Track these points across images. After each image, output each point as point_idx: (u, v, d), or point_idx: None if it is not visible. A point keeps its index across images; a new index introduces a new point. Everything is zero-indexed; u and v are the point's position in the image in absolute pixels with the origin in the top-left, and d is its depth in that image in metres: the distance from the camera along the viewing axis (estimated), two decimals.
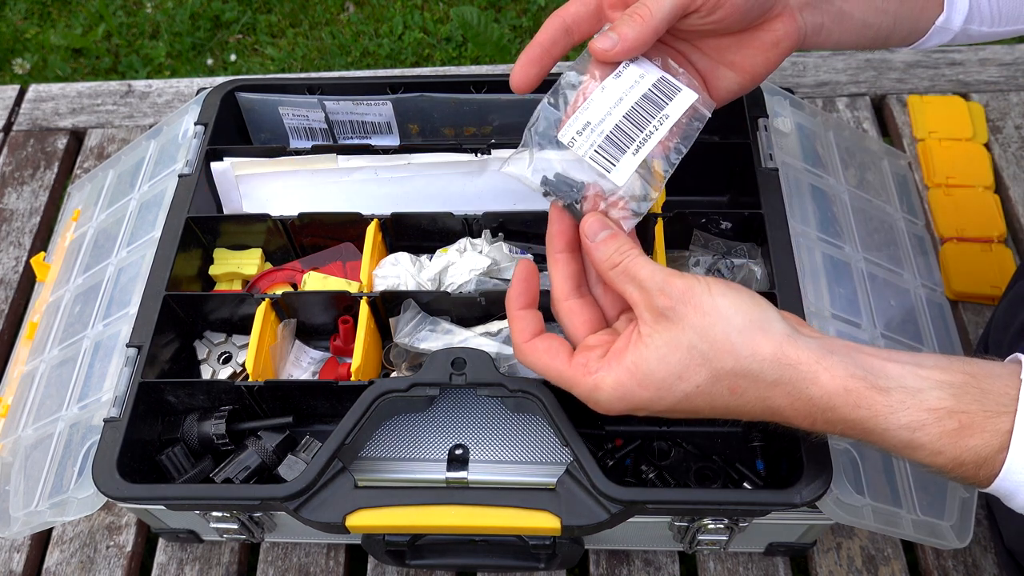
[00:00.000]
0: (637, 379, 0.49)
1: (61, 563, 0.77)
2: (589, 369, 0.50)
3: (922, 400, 0.46)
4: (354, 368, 0.66)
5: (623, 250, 0.51)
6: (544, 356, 0.52)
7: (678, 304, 0.48)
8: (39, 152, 1.07)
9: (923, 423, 0.45)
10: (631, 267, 0.50)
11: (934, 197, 0.94)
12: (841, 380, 0.46)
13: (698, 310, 0.47)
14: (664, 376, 0.48)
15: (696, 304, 0.48)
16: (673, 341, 0.48)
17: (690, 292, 0.48)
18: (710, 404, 0.49)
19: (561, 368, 0.52)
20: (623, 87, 0.54)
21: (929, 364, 0.47)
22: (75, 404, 0.68)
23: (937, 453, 0.45)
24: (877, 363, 0.47)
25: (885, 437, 0.46)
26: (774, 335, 0.47)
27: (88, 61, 1.77)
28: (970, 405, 0.45)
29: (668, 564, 0.75)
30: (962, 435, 0.45)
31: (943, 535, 0.63)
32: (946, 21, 0.65)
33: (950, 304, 0.79)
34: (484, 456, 0.68)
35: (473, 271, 0.72)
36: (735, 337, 0.47)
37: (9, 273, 0.97)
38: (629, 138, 0.54)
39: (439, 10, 1.80)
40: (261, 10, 1.84)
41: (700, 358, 0.47)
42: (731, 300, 0.48)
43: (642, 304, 0.49)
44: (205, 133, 0.78)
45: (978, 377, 0.46)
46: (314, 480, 0.60)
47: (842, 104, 1.04)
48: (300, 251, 0.79)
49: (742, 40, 0.59)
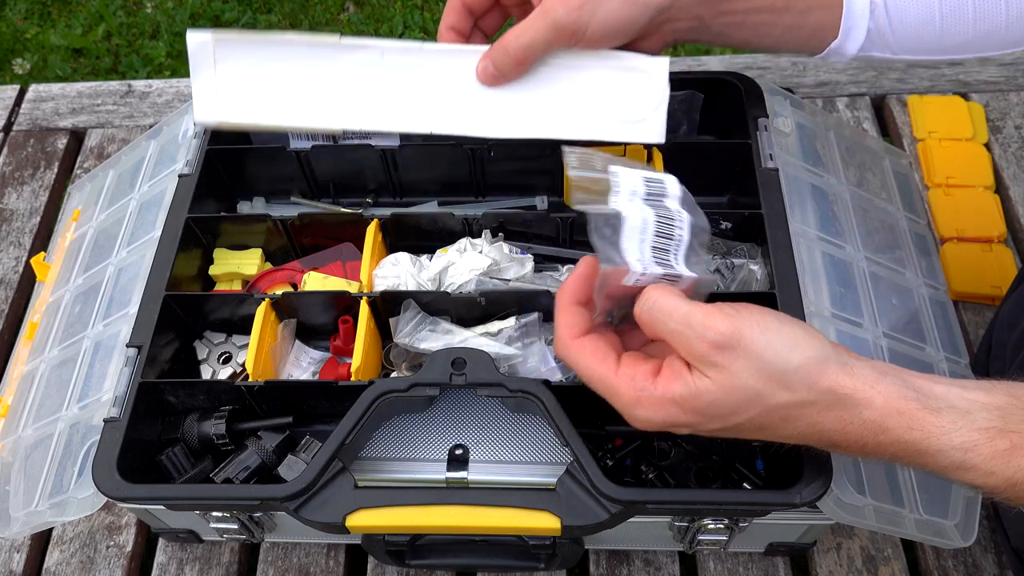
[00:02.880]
0: (684, 409, 0.48)
1: (61, 563, 0.77)
2: (636, 385, 0.49)
3: (972, 421, 0.46)
4: (354, 368, 0.66)
5: (661, 291, 0.49)
6: (590, 357, 0.51)
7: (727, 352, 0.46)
8: (39, 152, 1.07)
9: (975, 444, 0.45)
10: (664, 312, 0.48)
11: (934, 197, 0.94)
12: (895, 402, 0.46)
13: (750, 354, 0.46)
14: (716, 412, 0.48)
15: (746, 348, 0.46)
16: (727, 384, 0.47)
17: (738, 336, 0.46)
18: (758, 430, 0.49)
19: (606, 374, 0.50)
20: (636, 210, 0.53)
21: (972, 387, 0.47)
22: (75, 404, 0.68)
23: (989, 474, 0.46)
24: (925, 385, 0.47)
25: (937, 459, 0.46)
26: (829, 367, 0.47)
27: (88, 61, 1.77)
28: (1019, 425, 0.45)
29: (668, 564, 0.75)
30: (1014, 455, 0.45)
31: (947, 534, 0.63)
32: (840, 47, 0.65)
33: None
34: (484, 456, 0.68)
35: (473, 271, 0.72)
36: (791, 376, 0.46)
37: (9, 273, 0.97)
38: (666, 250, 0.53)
39: (439, 10, 1.80)
40: (261, 10, 1.84)
41: (755, 396, 0.47)
42: (785, 337, 0.47)
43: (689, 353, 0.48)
44: (205, 133, 0.78)
45: (1022, 399, 0.46)
46: (314, 480, 0.60)
47: (842, 104, 1.04)
48: (300, 251, 0.79)
49: None
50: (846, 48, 0.65)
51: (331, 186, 0.83)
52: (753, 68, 1.07)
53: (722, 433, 0.50)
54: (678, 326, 0.47)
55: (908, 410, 0.46)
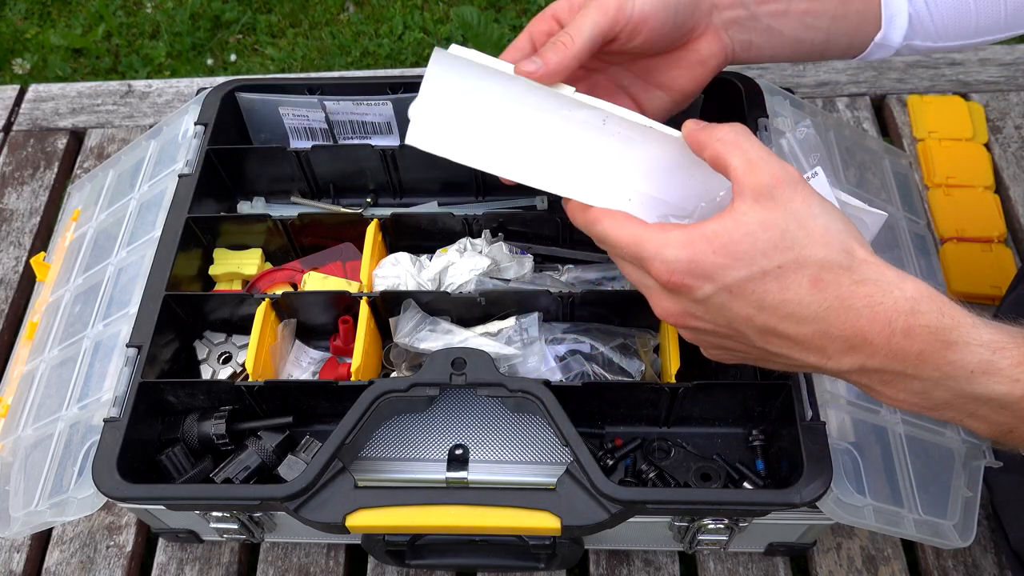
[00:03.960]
0: (714, 245, 0.46)
1: (61, 563, 0.77)
2: (666, 228, 0.48)
3: (1000, 327, 0.45)
4: (354, 368, 0.66)
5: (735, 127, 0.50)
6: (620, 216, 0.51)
7: (785, 187, 0.46)
8: (39, 152, 1.07)
9: (1004, 345, 0.45)
10: (742, 141, 0.48)
11: (934, 197, 0.94)
12: (925, 289, 0.46)
13: (804, 199, 0.46)
14: (746, 249, 0.46)
15: (803, 194, 0.46)
16: (769, 220, 0.46)
17: (799, 181, 0.47)
18: (781, 293, 0.46)
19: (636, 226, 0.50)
20: None
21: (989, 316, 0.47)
22: (75, 404, 0.68)
23: (1015, 381, 0.44)
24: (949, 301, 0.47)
25: (964, 355, 0.45)
26: (866, 247, 0.47)
27: (88, 61, 1.77)
28: None
29: (668, 564, 0.75)
30: None
31: (946, 535, 0.63)
32: (884, 38, 0.65)
33: None
34: (484, 456, 0.68)
35: (473, 271, 0.72)
36: (833, 233, 0.46)
37: (9, 273, 0.97)
38: None
39: (439, 10, 1.80)
40: (261, 10, 1.84)
41: (791, 241, 0.46)
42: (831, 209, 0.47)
43: (745, 177, 0.47)
44: (205, 133, 0.78)
45: None
46: (314, 480, 0.60)
47: (842, 104, 1.04)
48: (300, 251, 0.79)
49: (669, 61, 0.62)
50: (891, 37, 0.65)
51: (331, 186, 0.83)
52: (753, 68, 1.07)
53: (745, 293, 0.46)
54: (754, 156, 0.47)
55: (939, 298, 0.45)
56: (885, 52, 0.67)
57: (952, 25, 0.65)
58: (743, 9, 0.62)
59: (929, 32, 0.66)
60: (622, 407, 0.69)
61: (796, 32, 0.64)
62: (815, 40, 0.65)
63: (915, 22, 0.65)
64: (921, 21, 0.65)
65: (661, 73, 0.62)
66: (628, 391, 0.68)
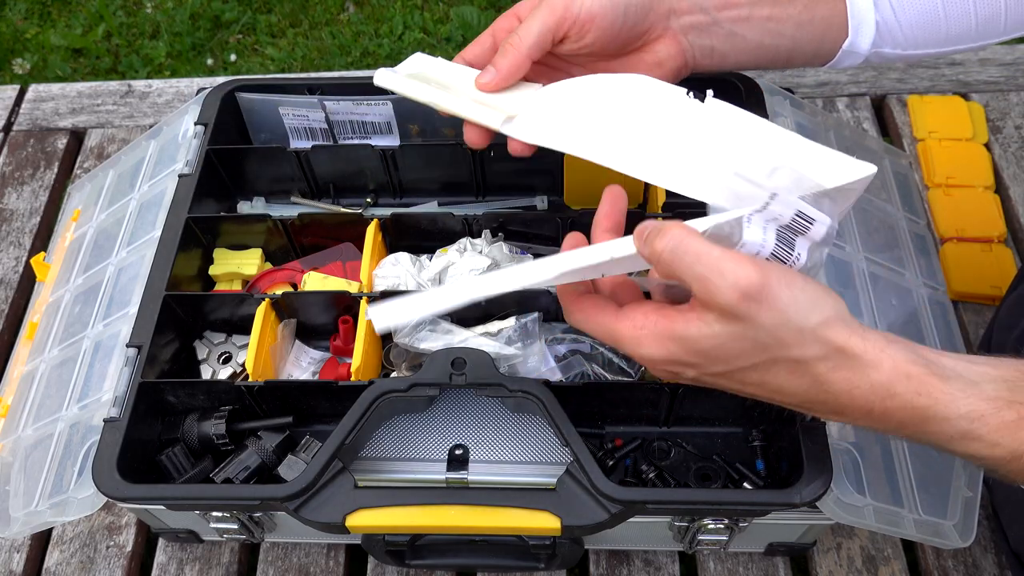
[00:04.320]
0: (686, 348, 0.47)
1: (61, 563, 0.77)
2: (635, 324, 0.48)
3: (980, 391, 0.46)
4: (354, 368, 0.66)
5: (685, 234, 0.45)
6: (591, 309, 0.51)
7: (749, 302, 0.44)
8: (39, 152, 1.07)
9: (982, 413, 0.45)
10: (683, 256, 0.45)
11: (934, 197, 0.94)
12: (903, 367, 0.46)
13: (774, 308, 0.44)
14: (719, 355, 0.46)
15: (772, 301, 0.44)
16: (737, 333, 0.45)
17: (767, 288, 0.43)
18: (761, 380, 0.48)
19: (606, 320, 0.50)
20: None
21: (980, 361, 0.47)
22: (75, 404, 0.68)
23: (994, 445, 0.45)
24: (933, 355, 0.47)
25: (943, 427, 0.46)
26: (843, 327, 0.46)
27: (88, 61, 1.77)
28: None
29: (668, 564, 0.75)
30: (1021, 427, 0.45)
31: (946, 535, 0.63)
32: (852, 45, 0.65)
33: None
34: (484, 456, 0.68)
35: (473, 271, 0.72)
36: (807, 334, 0.45)
37: (9, 273, 0.97)
38: None
39: (439, 10, 1.80)
40: (261, 10, 1.84)
41: (763, 347, 0.45)
42: (808, 295, 0.45)
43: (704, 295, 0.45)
44: (205, 133, 0.78)
45: None
46: (314, 480, 0.60)
47: (842, 104, 1.04)
48: (300, 251, 0.79)
49: (625, 63, 0.63)
50: (858, 45, 0.65)
51: (331, 186, 0.83)
52: None
53: (725, 381, 0.49)
54: (706, 270, 0.44)
55: (917, 375, 0.46)
56: (854, 60, 0.67)
57: (921, 33, 0.65)
58: (703, 15, 0.63)
59: (898, 40, 0.65)
60: (622, 407, 0.69)
61: (760, 38, 0.64)
62: (780, 46, 0.65)
63: (883, 30, 0.65)
64: (889, 29, 0.65)
65: None
66: (628, 391, 0.68)
